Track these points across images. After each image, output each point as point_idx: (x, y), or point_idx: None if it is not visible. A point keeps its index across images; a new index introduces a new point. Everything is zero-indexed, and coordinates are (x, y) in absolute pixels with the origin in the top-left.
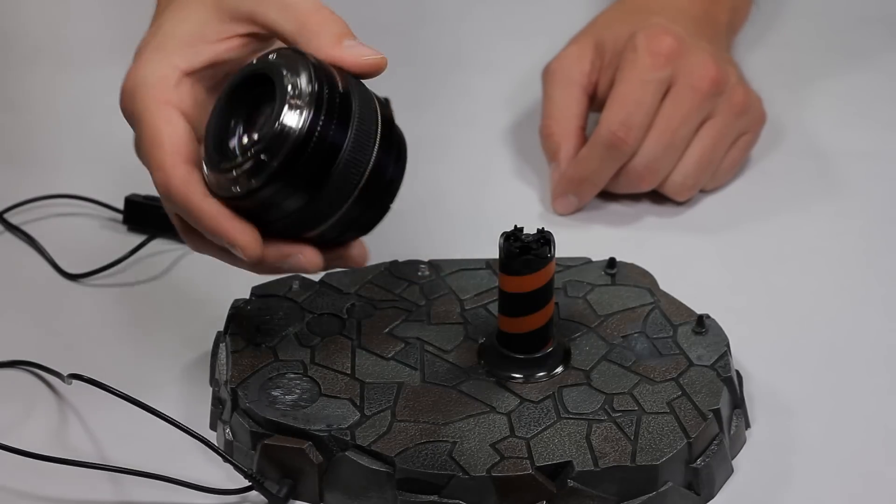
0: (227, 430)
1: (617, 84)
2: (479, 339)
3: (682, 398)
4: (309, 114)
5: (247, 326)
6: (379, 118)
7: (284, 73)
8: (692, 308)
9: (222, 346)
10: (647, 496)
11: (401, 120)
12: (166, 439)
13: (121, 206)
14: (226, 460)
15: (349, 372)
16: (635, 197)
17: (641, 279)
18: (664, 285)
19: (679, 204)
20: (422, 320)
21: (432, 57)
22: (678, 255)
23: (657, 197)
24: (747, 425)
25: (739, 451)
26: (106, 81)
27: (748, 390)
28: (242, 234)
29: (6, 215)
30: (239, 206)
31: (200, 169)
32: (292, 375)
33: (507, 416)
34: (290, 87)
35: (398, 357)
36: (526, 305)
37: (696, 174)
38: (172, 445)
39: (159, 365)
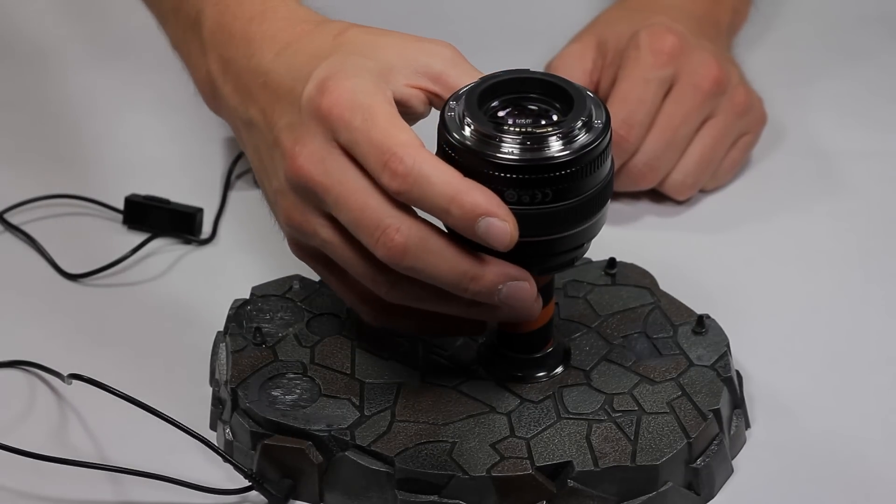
0: (227, 430)
1: (619, 82)
2: (479, 339)
3: (682, 398)
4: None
5: (247, 326)
6: None
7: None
8: (692, 308)
9: (222, 346)
10: (647, 496)
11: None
12: (166, 439)
13: (121, 206)
14: (226, 460)
15: (349, 372)
16: (635, 196)
17: (641, 279)
18: (664, 285)
19: (679, 203)
20: None
21: None
22: (678, 255)
23: (657, 196)
24: (747, 425)
25: (739, 451)
26: (106, 81)
27: (748, 390)
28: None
29: (6, 215)
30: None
31: None
32: (292, 375)
33: (507, 416)
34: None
35: (398, 357)
36: None
37: (697, 173)
38: (172, 445)
39: (159, 365)
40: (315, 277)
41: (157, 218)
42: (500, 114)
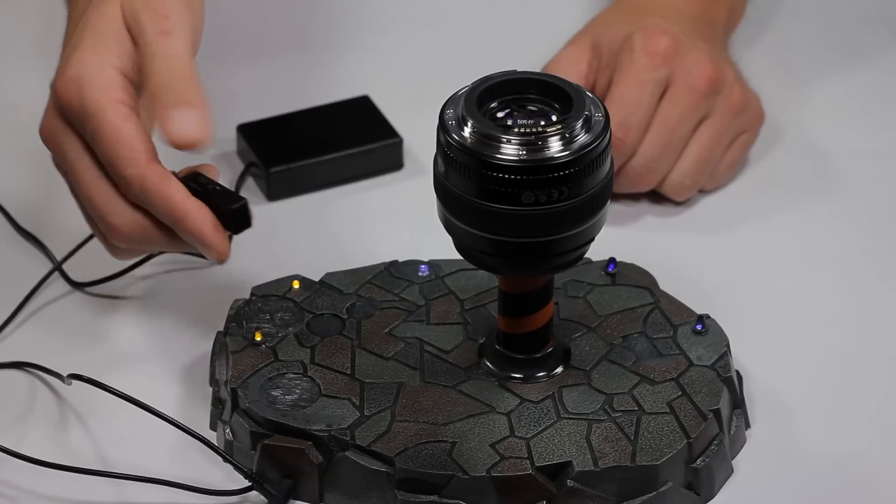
0: (227, 430)
1: (614, 85)
2: (479, 339)
3: (682, 398)
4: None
5: (247, 326)
6: None
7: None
8: (692, 308)
9: (222, 346)
10: (647, 496)
11: (401, 120)
12: (166, 439)
13: None
14: (226, 460)
15: (349, 372)
16: (635, 197)
17: (641, 279)
18: (664, 285)
19: (678, 204)
20: (422, 320)
21: (432, 57)
22: (678, 255)
23: (657, 197)
24: (747, 425)
25: (739, 451)
26: None
27: (748, 390)
28: (216, 232)
29: (20, 220)
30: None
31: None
32: (292, 375)
33: (506, 416)
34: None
35: (398, 357)
36: (526, 305)
37: (695, 174)
38: (172, 445)
39: (159, 365)
40: (315, 277)
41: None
42: (500, 114)
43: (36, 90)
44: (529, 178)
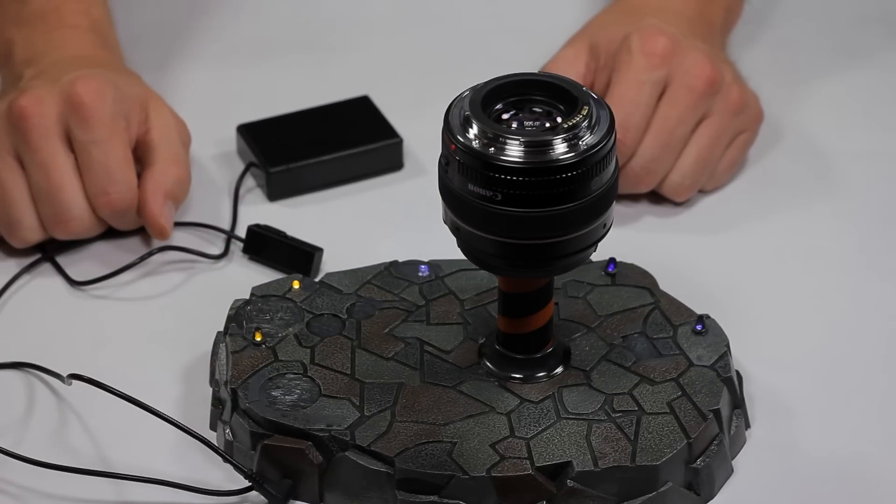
0: (227, 431)
1: (613, 86)
2: (479, 339)
3: (682, 398)
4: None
5: (247, 326)
6: None
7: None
8: (692, 308)
9: (222, 346)
10: (647, 496)
11: (401, 120)
12: (166, 439)
13: None
14: (226, 460)
15: (349, 372)
16: (635, 197)
17: (641, 279)
18: (664, 285)
19: (678, 204)
20: (422, 320)
21: (432, 57)
22: (678, 255)
23: (656, 197)
24: (747, 425)
25: (739, 451)
26: None
27: (748, 390)
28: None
29: None
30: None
31: None
32: (292, 375)
33: (506, 417)
34: (593, 95)
35: (398, 357)
36: (526, 306)
37: (694, 174)
38: (172, 445)
39: (159, 365)
40: (315, 277)
41: (275, 251)
42: (504, 116)
43: None
44: (534, 181)
